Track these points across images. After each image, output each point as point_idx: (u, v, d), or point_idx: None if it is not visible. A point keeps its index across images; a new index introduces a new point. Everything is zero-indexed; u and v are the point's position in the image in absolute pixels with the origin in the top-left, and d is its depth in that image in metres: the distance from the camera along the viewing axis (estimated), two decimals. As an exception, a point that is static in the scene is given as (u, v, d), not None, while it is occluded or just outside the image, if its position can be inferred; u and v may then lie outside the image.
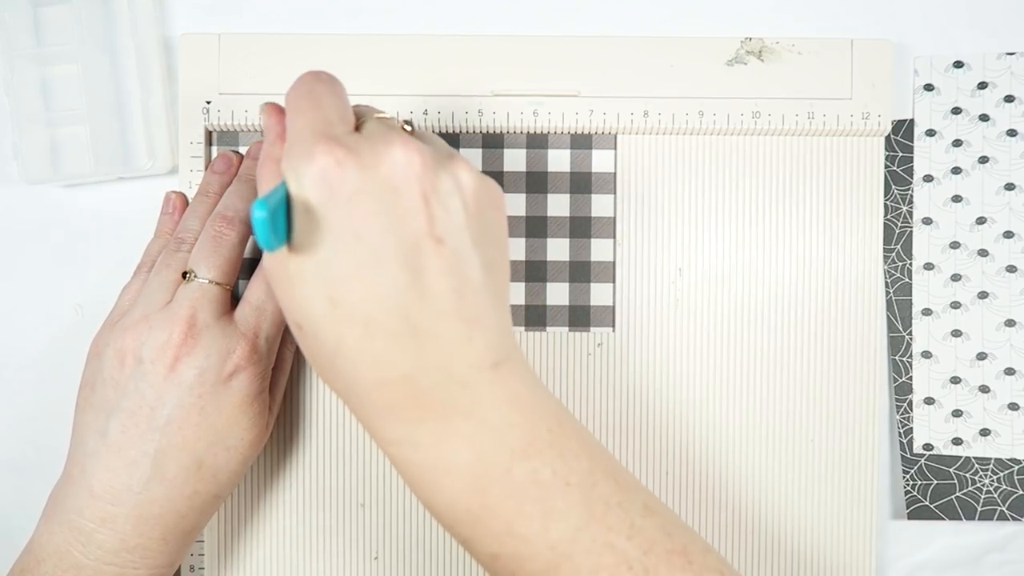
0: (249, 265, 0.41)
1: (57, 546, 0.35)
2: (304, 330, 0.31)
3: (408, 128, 0.33)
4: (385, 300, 0.29)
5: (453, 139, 0.42)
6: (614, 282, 0.43)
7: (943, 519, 0.43)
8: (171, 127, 0.43)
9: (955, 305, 0.43)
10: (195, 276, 0.36)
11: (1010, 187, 0.43)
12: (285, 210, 0.29)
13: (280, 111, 0.33)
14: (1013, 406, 0.43)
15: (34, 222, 0.44)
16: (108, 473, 0.35)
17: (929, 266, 0.43)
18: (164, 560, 0.36)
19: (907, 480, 0.43)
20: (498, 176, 0.42)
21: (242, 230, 0.37)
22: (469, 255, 0.30)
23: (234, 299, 0.38)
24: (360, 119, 0.32)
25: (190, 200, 0.41)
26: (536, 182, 0.43)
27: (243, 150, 0.42)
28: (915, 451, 0.43)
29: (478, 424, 0.30)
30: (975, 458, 0.43)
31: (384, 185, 0.29)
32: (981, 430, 0.43)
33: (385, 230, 0.29)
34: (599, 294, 0.43)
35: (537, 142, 0.42)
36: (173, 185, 0.43)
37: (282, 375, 0.40)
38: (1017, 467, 0.43)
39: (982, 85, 0.43)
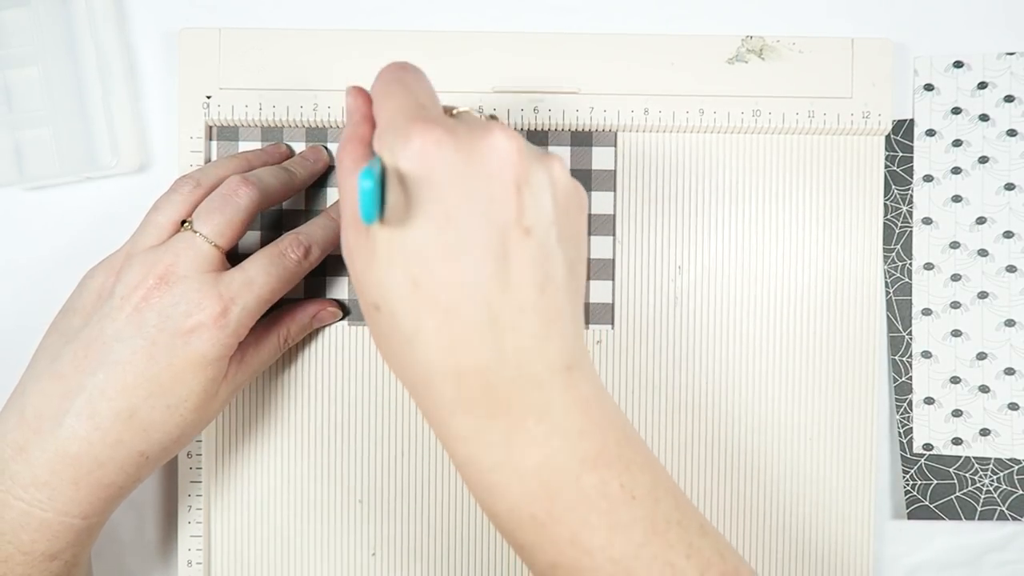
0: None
1: None
2: (381, 310, 0.30)
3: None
4: (469, 286, 0.29)
5: (453, 136, 0.42)
6: (613, 279, 0.43)
7: (943, 519, 0.43)
8: (137, 124, 0.43)
9: (955, 305, 0.43)
10: (191, 227, 0.35)
11: (1010, 187, 0.43)
12: (381, 189, 0.28)
13: (365, 94, 0.32)
14: (1013, 406, 0.43)
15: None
16: (42, 398, 0.34)
17: (929, 266, 0.43)
18: (75, 508, 0.34)
19: (907, 480, 0.43)
20: (498, 173, 0.42)
21: (256, 198, 0.36)
22: (554, 251, 0.30)
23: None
24: (448, 111, 0.32)
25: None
26: (536, 179, 0.42)
27: (243, 146, 0.42)
28: (915, 451, 0.43)
29: (550, 427, 0.30)
30: (975, 458, 0.43)
31: (479, 169, 0.29)
32: (981, 430, 0.43)
33: (476, 214, 0.28)
34: (598, 291, 0.42)
35: (537, 139, 0.42)
36: (142, 182, 0.43)
37: (258, 362, 0.39)
38: (1017, 467, 0.43)
39: (982, 85, 0.43)
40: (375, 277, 0.30)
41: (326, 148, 0.42)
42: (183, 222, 0.36)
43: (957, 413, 0.43)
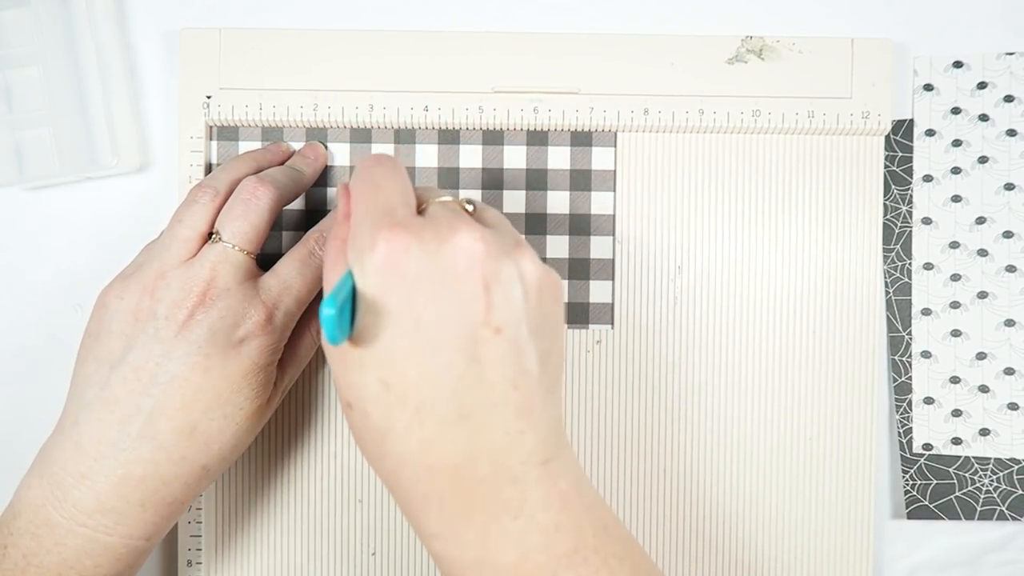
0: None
1: (33, 500, 0.34)
2: (354, 408, 0.30)
3: (469, 208, 0.33)
4: (439, 385, 0.29)
5: (453, 136, 0.42)
6: (613, 279, 0.43)
7: (942, 519, 0.43)
8: (137, 124, 0.43)
9: (955, 305, 0.43)
10: (220, 239, 0.36)
11: (1010, 187, 0.43)
12: (351, 302, 0.29)
13: (347, 192, 0.33)
14: (1012, 406, 0.43)
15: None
16: (99, 426, 0.34)
17: (929, 266, 0.43)
18: (139, 531, 0.35)
19: (906, 480, 0.43)
20: (498, 173, 0.42)
21: (275, 197, 0.37)
22: (526, 345, 0.30)
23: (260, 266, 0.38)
24: (422, 202, 0.32)
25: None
26: (536, 179, 0.43)
27: (243, 146, 0.42)
28: (914, 451, 0.43)
29: (526, 523, 0.30)
30: (974, 458, 0.43)
31: (447, 272, 0.29)
32: (980, 430, 0.43)
33: (445, 316, 0.29)
34: (598, 291, 0.43)
35: (537, 139, 0.42)
36: (142, 182, 0.43)
37: (296, 361, 0.39)
38: (1017, 467, 0.43)
39: (982, 85, 0.43)
40: (347, 379, 0.30)
41: (323, 144, 0.42)
42: (210, 234, 0.36)
43: (957, 413, 0.43)
